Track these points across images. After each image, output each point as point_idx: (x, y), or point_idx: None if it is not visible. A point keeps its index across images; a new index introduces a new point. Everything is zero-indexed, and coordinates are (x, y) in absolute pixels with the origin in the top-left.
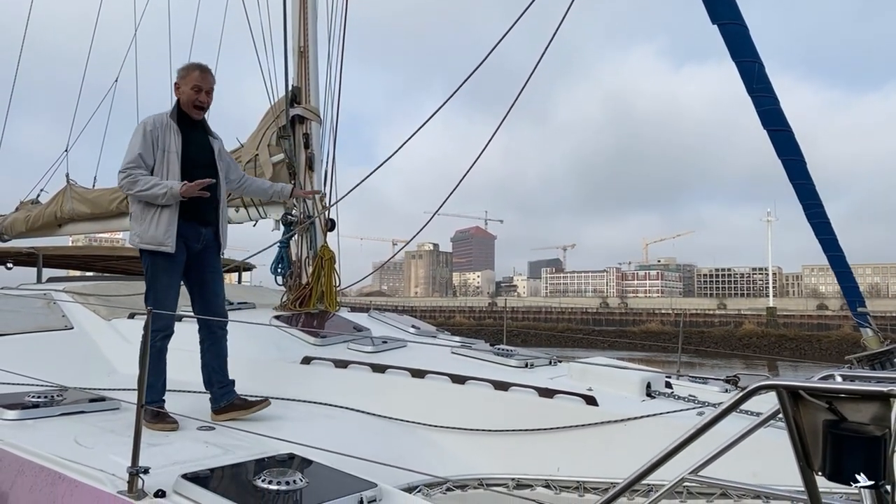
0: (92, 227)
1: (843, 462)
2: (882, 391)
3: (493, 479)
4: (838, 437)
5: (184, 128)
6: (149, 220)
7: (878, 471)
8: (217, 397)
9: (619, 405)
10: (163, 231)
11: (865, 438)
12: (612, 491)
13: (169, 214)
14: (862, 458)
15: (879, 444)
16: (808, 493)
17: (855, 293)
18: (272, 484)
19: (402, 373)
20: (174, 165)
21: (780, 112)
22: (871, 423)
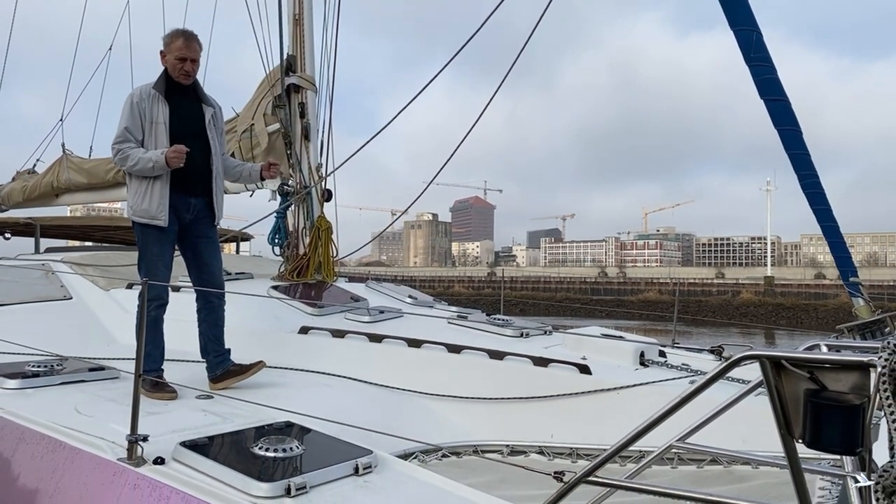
0: (89, 197)
1: (822, 430)
2: (861, 361)
3: (488, 446)
4: (818, 406)
5: (172, 97)
6: (141, 193)
7: (855, 438)
8: (213, 366)
9: (612, 374)
10: (155, 204)
11: (844, 407)
12: (601, 457)
13: (160, 187)
14: (840, 426)
15: (858, 413)
16: (788, 459)
17: (847, 263)
18: (269, 451)
19: (399, 342)
20: (162, 137)
21: (777, 81)
22: (851, 392)
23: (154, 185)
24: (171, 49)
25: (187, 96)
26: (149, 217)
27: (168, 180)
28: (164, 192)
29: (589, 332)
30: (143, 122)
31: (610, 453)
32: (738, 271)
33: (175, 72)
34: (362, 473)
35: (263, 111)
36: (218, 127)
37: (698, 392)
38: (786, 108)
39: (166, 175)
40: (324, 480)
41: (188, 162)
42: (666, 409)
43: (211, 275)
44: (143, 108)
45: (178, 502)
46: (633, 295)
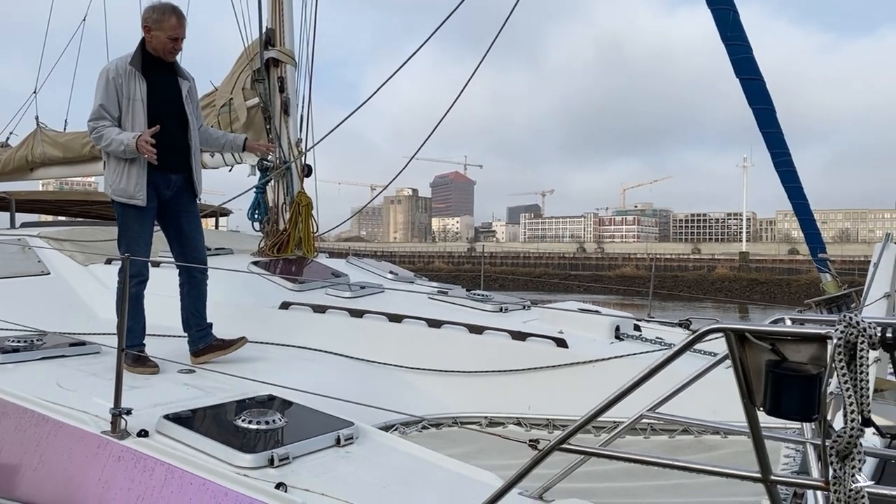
0: (64, 171)
1: (781, 398)
2: (819, 333)
3: (467, 418)
4: (778, 376)
5: (149, 72)
6: (119, 171)
7: (812, 405)
8: (195, 340)
9: (588, 347)
10: (133, 184)
11: (802, 376)
12: (574, 426)
13: (138, 167)
14: (798, 395)
15: (815, 381)
16: (749, 427)
17: (816, 239)
18: (252, 423)
19: (380, 317)
20: (139, 115)
21: (752, 61)
22: (809, 363)
23: (132, 165)
24: (163, 27)
25: (164, 70)
26: (127, 196)
27: (145, 159)
28: (141, 172)
29: (566, 307)
30: (119, 98)
31: (582, 422)
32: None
33: (164, 50)
34: (344, 444)
35: (242, 85)
36: (193, 100)
37: (666, 363)
38: (760, 88)
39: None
40: (306, 451)
41: (167, 138)
42: (635, 380)
43: (194, 249)
44: (120, 83)
45: (162, 473)
46: (611, 270)
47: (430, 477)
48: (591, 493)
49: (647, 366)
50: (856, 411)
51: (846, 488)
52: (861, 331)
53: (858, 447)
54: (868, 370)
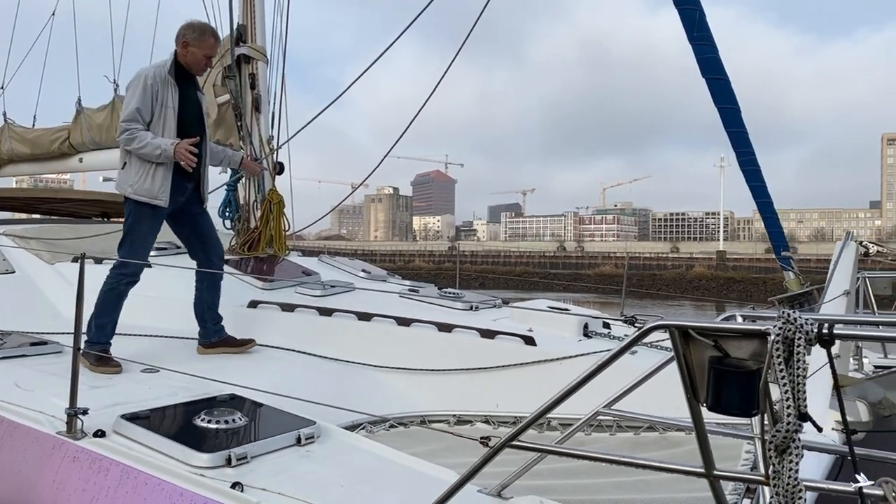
0: (33, 168)
1: (722, 393)
2: (759, 330)
3: (435, 416)
4: (718, 372)
5: (180, 82)
6: (144, 172)
7: (751, 400)
8: (209, 333)
9: (556, 345)
10: (158, 185)
11: (742, 372)
12: (523, 422)
13: (164, 170)
14: (738, 390)
15: (754, 377)
16: (693, 422)
17: (780, 238)
18: (211, 423)
19: (349, 316)
20: (171, 121)
21: (718, 60)
22: (751, 359)
23: (158, 167)
24: (202, 45)
25: (191, 83)
26: (151, 197)
27: (172, 164)
28: (167, 175)
29: (535, 305)
30: (153, 103)
31: (531, 419)
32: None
33: (198, 66)
34: (305, 443)
35: (213, 82)
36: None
37: (611, 360)
38: (725, 87)
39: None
40: (265, 451)
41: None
42: (581, 377)
43: (213, 245)
44: (156, 90)
45: (117, 474)
46: (590, 269)
47: (391, 475)
48: (551, 490)
49: (594, 362)
50: (792, 406)
51: (784, 482)
52: (798, 327)
53: (796, 442)
54: (805, 366)
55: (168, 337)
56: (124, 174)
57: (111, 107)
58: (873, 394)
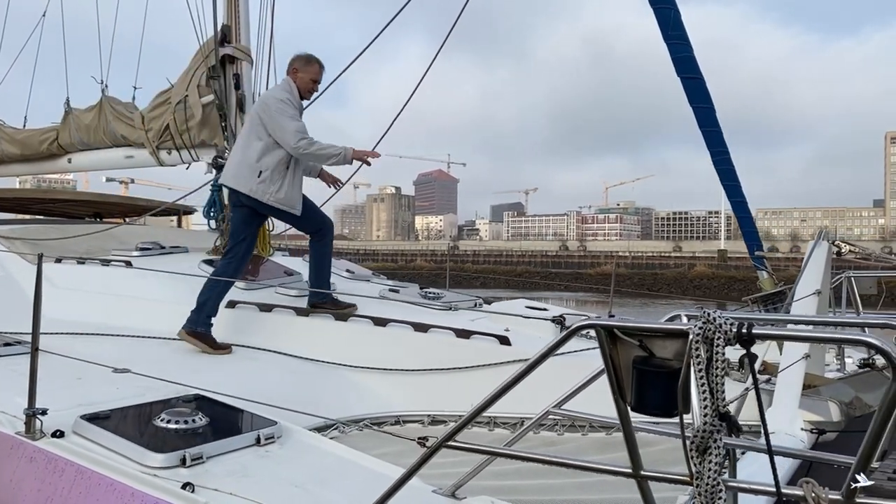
0: (23, 168)
1: (644, 394)
2: (680, 329)
3: (410, 416)
4: (640, 372)
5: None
6: (285, 182)
7: (672, 401)
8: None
9: (531, 345)
10: (296, 194)
11: (663, 372)
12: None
13: (298, 180)
14: (660, 390)
15: (675, 377)
16: (620, 422)
17: (754, 238)
18: (171, 423)
19: (326, 316)
20: None
21: (692, 59)
22: (675, 359)
23: (296, 178)
24: (308, 71)
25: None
26: (290, 205)
27: (301, 174)
28: (300, 185)
29: (513, 305)
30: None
31: (464, 421)
32: (696, 245)
33: (305, 89)
34: (264, 444)
35: (198, 82)
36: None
37: (540, 361)
38: (700, 86)
39: (301, 170)
40: (222, 451)
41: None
42: (510, 379)
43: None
44: (297, 111)
45: (72, 474)
46: (592, 268)
47: (349, 476)
48: (507, 490)
49: (526, 362)
50: (709, 406)
51: (706, 482)
52: (717, 327)
53: (717, 442)
54: (723, 365)
55: (144, 337)
56: (263, 184)
57: (98, 107)
58: (845, 394)
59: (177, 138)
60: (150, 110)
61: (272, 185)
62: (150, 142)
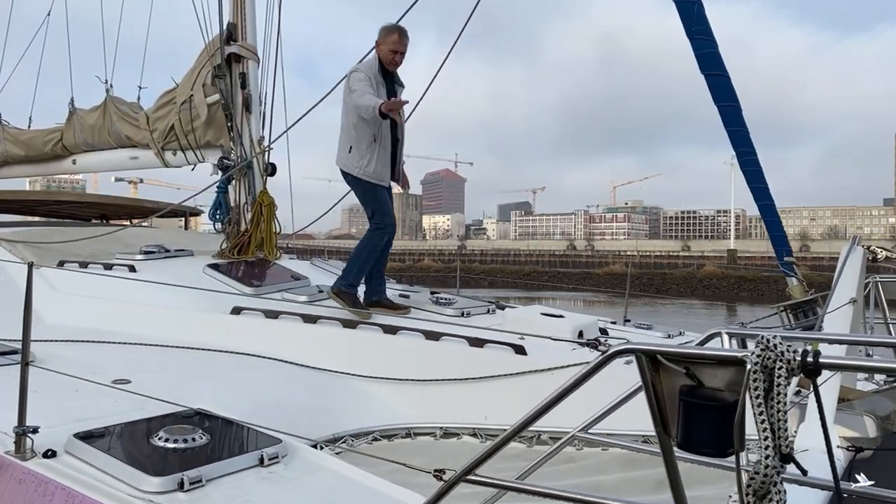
0: (28, 170)
1: (693, 430)
2: (734, 356)
3: (421, 429)
4: (688, 405)
5: (385, 79)
6: (370, 156)
7: (726, 438)
8: (371, 291)
9: (548, 354)
10: (381, 169)
11: (715, 406)
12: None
13: (384, 154)
14: (711, 426)
15: (729, 411)
16: (665, 461)
17: (782, 242)
18: (169, 442)
19: (334, 323)
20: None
21: (717, 56)
22: (727, 389)
23: (380, 152)
24: (387, 41)
25: (390, 78)
26: (378, 179)
27: (389, 150)
28: (386, 159)
29: (529, 312)
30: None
31: (486, 454)
32: (704, 244)
33: (387, 60)
34: (268, 464)
35: (203, 82)
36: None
37: (574, 388)
38: (725, 84)
39: (388, 146)
40: (223, 473)
41: (392, 134)
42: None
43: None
44: (372, 82)
45: (63, 499)
46: (600, 268)
47: (356, 499)
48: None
49: (555, 391)
50: (770, 447)
51: None
52: (779, 355)
53: (777, 486)
54: (786, 399)
55: (147, 345)
56: (350, 157)
57: (103, 108)
58: (882, 407)
59: (182, 139)
60: (155, 110)
61: (362, 160)
62: (154, 142)
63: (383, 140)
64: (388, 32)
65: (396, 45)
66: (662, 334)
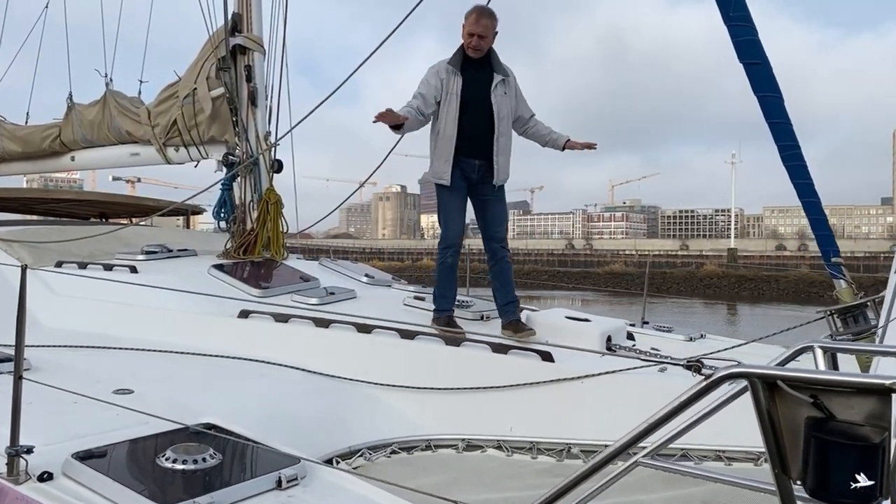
0: (25, 167)
1: (830, 474)
2: (881, 384)
3: (442, 441)
4: (824, 443)
5: (466, 69)
6: (435, 154)
7: (873, 487)
8: (501, 313)
9: (576, 361)
10: (441, 165)
11: (858, 446)
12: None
13: (447, 149)
14: (852, 471)
15: (877, 453)
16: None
17: (829, 242)
18: (177, 462)
19: (348, 327)
20: (453, 106)
21: (757, 43)
22: (867, 424)
23: (442, 148)
24: (464, 26)
25: (479, 66)
26: (436, 177)
27: (454, 143)
28: (449, 156)
29: (552, 315)
30: (439, 91)
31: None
32: (702, 243)
33: (466, 45)
34: (286, 487)
35: (207, 75)
36: (509, 92)
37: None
38: (766, 73)
39: (452, 140)
40: (238, 498)
41: (472, 127)
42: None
43: (495, 232)
44: (443, 79)
45: None
46: (600, 267)
47: None
48: None
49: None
50: None
51: None
52: None
53: None
54: None
55: (150, 350)
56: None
57: (102, 102)
58: None
59: (185, 134)
60: (157, 105)
61: (431, 161)
62: (156, 138)
63: (445, 133)
64: (467, 15)
65: (472, 26)
66: (684, 337)
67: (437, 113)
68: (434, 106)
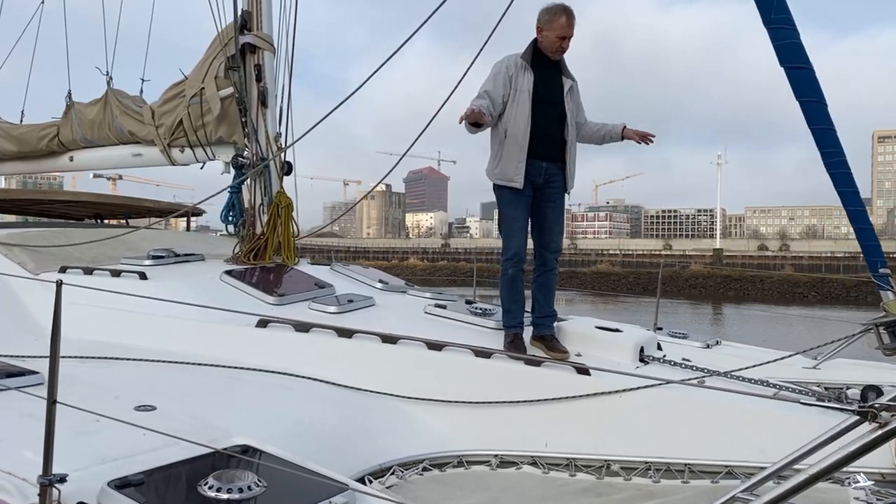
0: (21, 167)
1: None
2: None
3: (474, 457)
4: None
5: (538, 68)
6: (500, 156)
7: None
8: (536, 324)
9: (613, 374)
10: (512, 168)
11: None
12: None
13: (518, 151)
14: None
15: None
16: None
17: (876, 252)
18: (222, 491)
19: (372, 338)
20: (524, 104)
21: (800, 46)
22: None
23: (511, 150)
24: (553, 27)
25: (550, 67)
26: (506, 179)
27: (525, 145)
28: (521, 157)
29: (581, 324)
30: (507, 88)
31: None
32: (685, 243)
33: (551, 48)
34: None
35: (215, 74)
36: (575, 99)
37: (844, 463)
38: (810, 78)
39: (524, 140)
40: None
41: (543, 128)
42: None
43: (551, 240)
44: (511, 74)
45: None
46: (586, 266)
47: None
48: None
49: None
50: None
51: None
52: None
53: None
54: None
55: (164, 361)
56: (491, 163)
57: (103, 101)
58: None
59: (191, 135)
60: (161, 104)
61: (493, 161)
62: (160, 139)
63: (516, 132)
64: (554, 16)
65: (565, 29)
66: (701, 344)
67: (504, 111)
68: (501, 106)
